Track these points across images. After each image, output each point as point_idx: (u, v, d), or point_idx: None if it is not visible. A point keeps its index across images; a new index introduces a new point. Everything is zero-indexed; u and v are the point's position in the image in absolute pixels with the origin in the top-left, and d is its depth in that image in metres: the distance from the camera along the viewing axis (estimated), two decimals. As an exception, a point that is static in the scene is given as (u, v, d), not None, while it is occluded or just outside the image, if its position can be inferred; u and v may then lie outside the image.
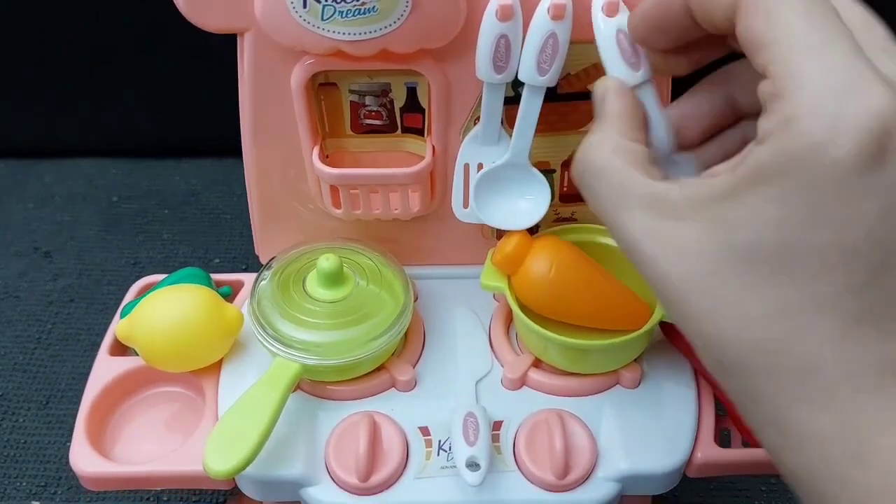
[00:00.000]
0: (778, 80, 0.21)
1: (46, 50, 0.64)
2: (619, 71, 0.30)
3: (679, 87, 0.33)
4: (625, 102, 0.28)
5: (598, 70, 0.36)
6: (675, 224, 0.22)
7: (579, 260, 0.36)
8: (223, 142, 0.43)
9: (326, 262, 0.36)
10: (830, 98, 0.20)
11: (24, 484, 0.46)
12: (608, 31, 0.31)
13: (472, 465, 0.32)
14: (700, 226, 0.22)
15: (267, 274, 0.38)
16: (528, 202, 0.37)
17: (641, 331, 0.34)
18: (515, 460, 0.34)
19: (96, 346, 0.38)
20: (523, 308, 0.35)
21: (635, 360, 0.37)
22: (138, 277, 0.43)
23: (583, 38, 0.34)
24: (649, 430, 0.35)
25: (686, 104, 0.29)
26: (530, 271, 0.35)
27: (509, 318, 0.39)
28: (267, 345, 0.35)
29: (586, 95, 0.37)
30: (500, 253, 0.36)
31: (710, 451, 0.34)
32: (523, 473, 0.33)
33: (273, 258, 0.39)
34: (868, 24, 0.23)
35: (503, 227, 0.38)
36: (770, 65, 0.21)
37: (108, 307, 0.43)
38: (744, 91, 0.28)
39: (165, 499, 0.48)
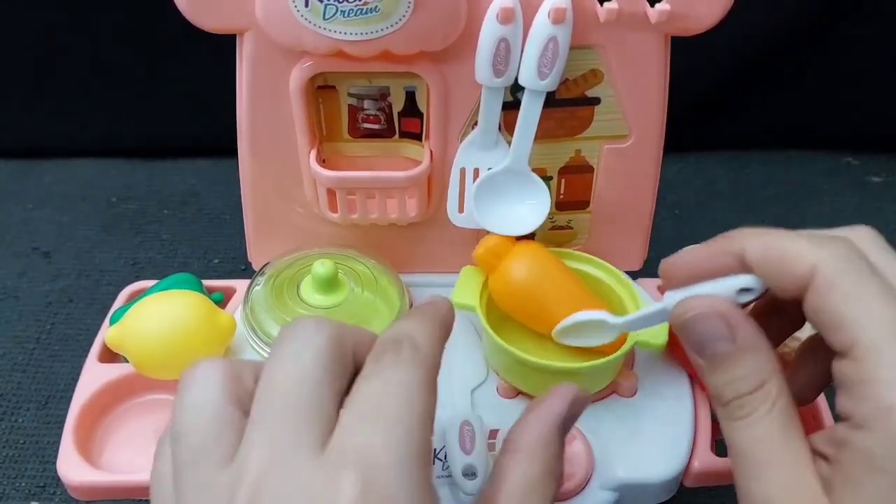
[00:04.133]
0: (866, 366, 0.21)
1: (46, 50, 0.64)
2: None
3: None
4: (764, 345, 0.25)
5: (595, 75, 0.36)
6: None
7: (558, 268, 0.36)
8: (223, 142, 0.43)
9: (322, 267, 0.36)
10: None
11: (24, 484, 0.46)
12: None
13: (469, 473, 0.32)
14: None
15: (261, 279, 0.37)
16: (527, 208, 0.37)
17: (615, 356, 0.33)
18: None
19: (96, 346, 0.38)
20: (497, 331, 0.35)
21: (631, 368, 0.36)
22: (137, 278, 0.43)
23: (582, 43, 0.34)
24: (646, 438, 0.34)
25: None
26: (509, 270, 0.35)
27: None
28: (260, 351, 0.35)
29: (584, 101, 0.36)
30: (483, 246, 0.36)
31: (707, 460, 0.34)
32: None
33: (267, 264, 0.38)
34: None
35: (502, 232, 0.38)
36: (854, 349, 0.22)
37: (107, 308, 0.42)
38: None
39: None
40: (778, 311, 0.28)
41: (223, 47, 0.36)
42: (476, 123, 0.36)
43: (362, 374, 0.23)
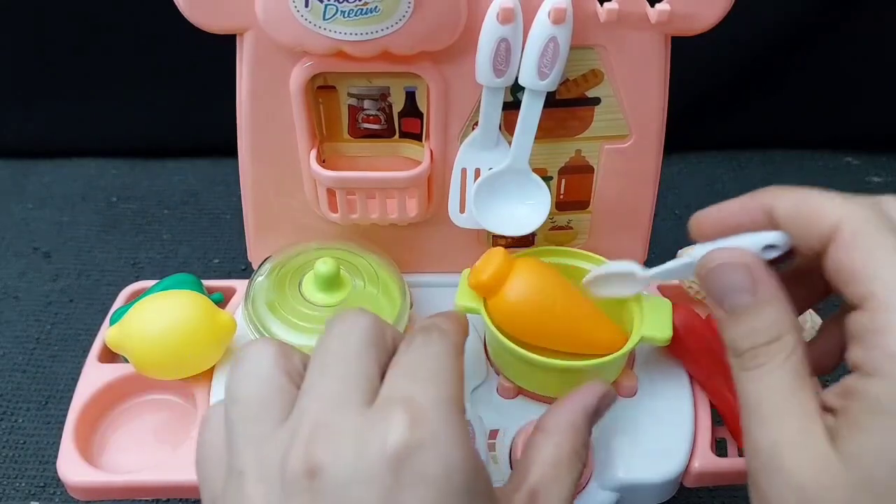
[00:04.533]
0: (878, 316, 0.22)
1: (46, 50, 0.64)
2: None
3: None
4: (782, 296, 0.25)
5: (596, 75, 0.36)
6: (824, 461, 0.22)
7: (558, 284, 0.35)
8: (223, 142, 0.43)
9: (324, 266, 0.36)
10: None
11: (23, 484, 0.46)
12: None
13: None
14: (835, 457, 0.22)
15: (262, 275, 0.37)
16: (527, 207, 0.37)
17: (618, 354, 0.33)
18: (512, 469, 0.33)
19: (96, 347, 0.38)
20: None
21: (631, 368, 0.36)
22: (137, 278, 0.43)
23: (582, 43, 0.34)
24: (646, 439, 0.34)
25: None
26: (508, 297, 0.34)
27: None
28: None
29: (584, 101, 0.36)
30: (475, 278, 0.34)
31: (707, 460, 0.34)
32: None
33: (268, 257, 0.38)
34: None
35: (503, 232, 0.38)
36: (868, 300, 0.22)
37: (107, 308, 0.42)
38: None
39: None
40: (801, 281, 0.28)
41: (223, 47, 0.36)
42: (476, 123, 0.36)
43: (398, 352, 0.25)
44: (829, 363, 0.28)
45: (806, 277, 0.27)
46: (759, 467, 0.23)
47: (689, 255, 0.28)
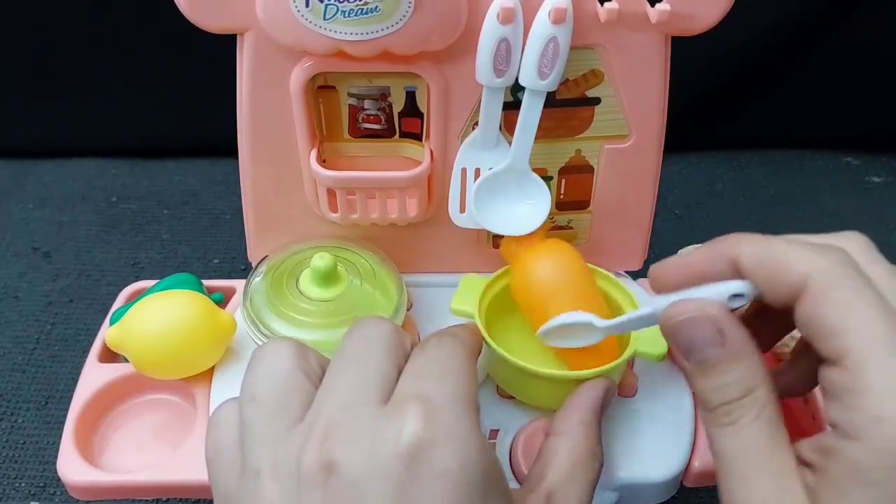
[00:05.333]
0: (858, 375, 0.21)
1: (46, 50, 0.64)
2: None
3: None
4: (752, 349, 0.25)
5: (596, 75, 0.36)
6: None
7: (581, 274, 0.35)
8: (223, 142, 0.43)
9: (321, 260, 0.36)
10: None
11: (23, 484, 0.46)
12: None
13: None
14: None
15: (260, 273, 0.38)
16: (528, 207, 0.37)
17: (615, 363, 0.32)
18: (512, 469, 0.33)
19: (96, 347, 0.38)
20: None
21: (631, 368, 0.36)
22: (137, 278, 0.43)
23: (582, 43, 0.34)
24: (646, 438, 0.34)
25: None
26: (533, 263, 0.35)
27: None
28: (260, 344, 0.35)
29: (584, 101, 0.36)
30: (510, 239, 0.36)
31: (707, 460, 0.34)
32: (520, 482, 0.33)
33: (265, 256, 0.38)
34: None
35: (503, 232, 0.38)
36: (844, 358, 0.21)
37: (107, 308, 0.42)
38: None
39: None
40: (769, 316, 0.28)
41: (223, 47, 0.36)
42: (476, 123, 0.36)
43: (411, 355, 0.26)
44: (800, 388, 0.28)
45: (774, 314, 0.26)
46: None
47: (652, 303, 0.27)
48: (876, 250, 0.25)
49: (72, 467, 0.34)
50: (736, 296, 0.25)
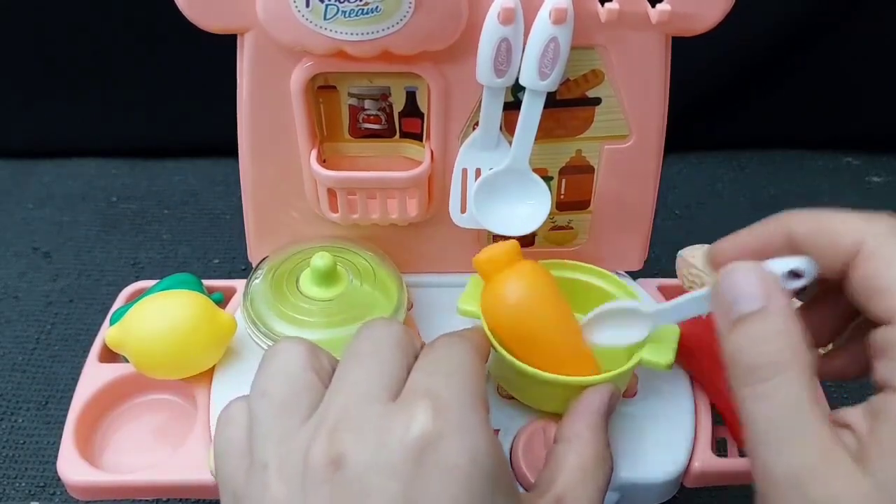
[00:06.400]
0: None
1: (46, 50, 0.64)
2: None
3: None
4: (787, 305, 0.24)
5: (596, 76, 0.36)
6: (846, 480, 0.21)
7: (553, 300, 0.33)
8: (223, 142, 0.43)
9: (321, 260, 0.36)
10: None
11: (24, 484, 0.46)
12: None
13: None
14: (868, 484, 0.20)
15: (260, 273, 0.38)
16: (528, 207, 0.37)
17: (622, 370, 0.32)
18: (513, 469, 0.33)
19: (96, 347, 0.38)
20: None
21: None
22: (137, 278, 0.43)
23: (583, 44, 0.34)
24: (647, 438, 0.34)
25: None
26: (503, 286, 0.32)
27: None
28: (262, 345, 0.35)
29: (585, 101, 0.36)
30: (485, 253, 0.33)
31: (707, 460, 0.34)
32: (521, 482, 0.33)
33: (266, 257, 0.38)
34: None
35: (503, 232, 0.38)
36: None
37: (107, 308, 0.42)
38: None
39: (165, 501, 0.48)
40: (827, 308, 0.27)
41: (223, 47, 0.36)
42: (477, 124, 0.36)
43: (421, 354, 0.26)
44: (850, 371, 0.27)
45: (828, 306, 0.27)
46: (778, 497, 0.21)
47: (706, 288, 0.27)
48: None
49: (72, 467, 0.34)
50: (795, 274, 0.24)
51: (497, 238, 0.41)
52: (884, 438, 0.21)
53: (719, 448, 0.36)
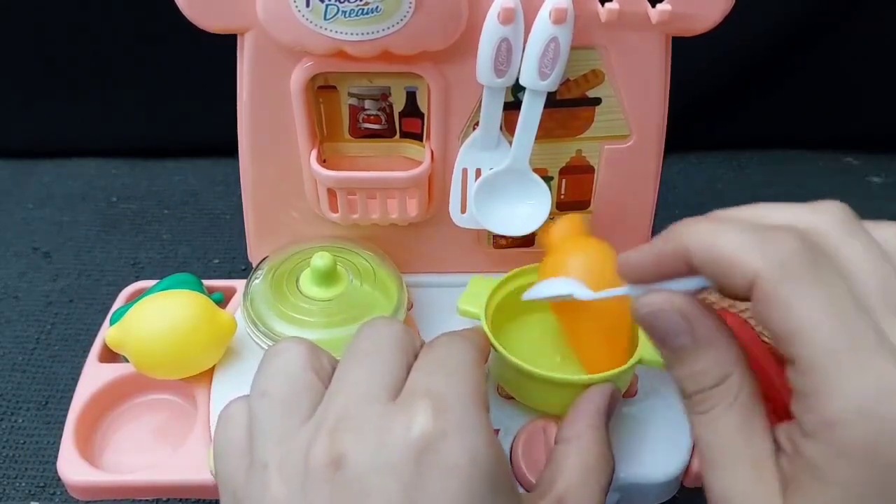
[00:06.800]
0: (810, 377, 0.20)
1: (46, 50, 0.64)
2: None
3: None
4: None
5: (596, 76, 0.36)
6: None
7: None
8: (223, 142, 0.43)
9: (320, 260, 0.36)
10: (873, 402, 0.20)
11: (23, 484, 0.46)
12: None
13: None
14: None
15: (260, 273, 0.38)
16: (528, 207, 0.37)
17: (624, 368, 0.32)
18: (513, 469, 0.33)
19: (96, 347, 0.38)
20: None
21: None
22: (137, 278, 0.43)
23: (583, 44, 0.34)
24: (647, 438, 0.34)
25: None
26: (565, 260, 0.32)
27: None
28: (262, 345, 0.35)
29: (585, 101, 0.36)
30: (557, 230, 0.34)
31: (708, 461, 0.34)
32: (521, 482, 0.33)
33: (266, 257, 0.38)
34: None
35: (503, 232, 0.38)
36: (797, 361, 0.21)
37: (107, 308, 0.42)
38: None
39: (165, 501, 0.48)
40: None
41: (223, 47, 0.36)
42: (477, 124, 0.36)
43: (420, 354, 0.26)
44: None
45: None
46: None
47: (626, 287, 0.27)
48: (855, 221, 0.23)
49: (72, 467, 0.34)
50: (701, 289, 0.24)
51: (497, 238, 0.41)
52: (797, 474, 0.21)
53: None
